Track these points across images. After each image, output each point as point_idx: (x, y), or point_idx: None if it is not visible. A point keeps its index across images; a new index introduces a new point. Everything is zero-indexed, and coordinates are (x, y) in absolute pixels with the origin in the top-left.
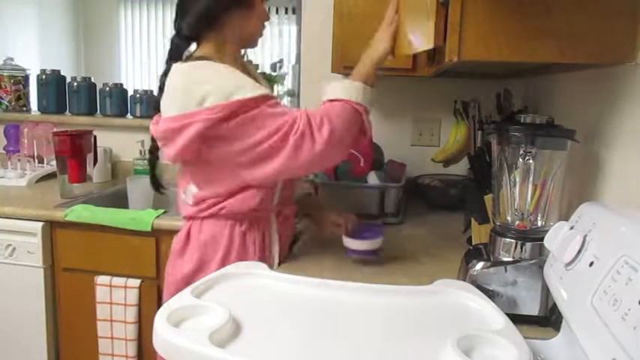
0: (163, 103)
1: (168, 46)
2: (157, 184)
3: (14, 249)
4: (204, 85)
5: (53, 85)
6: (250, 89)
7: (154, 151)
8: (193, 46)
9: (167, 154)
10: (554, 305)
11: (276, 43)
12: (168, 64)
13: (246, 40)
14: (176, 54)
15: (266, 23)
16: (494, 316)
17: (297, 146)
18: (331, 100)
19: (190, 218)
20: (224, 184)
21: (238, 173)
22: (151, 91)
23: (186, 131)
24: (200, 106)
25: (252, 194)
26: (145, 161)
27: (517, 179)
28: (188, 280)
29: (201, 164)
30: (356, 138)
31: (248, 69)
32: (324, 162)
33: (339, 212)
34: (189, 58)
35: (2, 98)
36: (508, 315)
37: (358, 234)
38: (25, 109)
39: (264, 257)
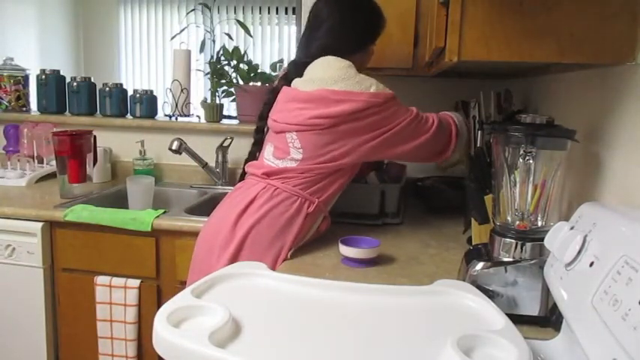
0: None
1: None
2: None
3: (14, 249)
4: (364, 79)
5: (53, 85)
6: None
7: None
8: None
9: None
10: (555, 305)
11: (276, 43)
12: (288, 77)
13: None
14: (298, 71)
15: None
16: (494, 316)
17: None
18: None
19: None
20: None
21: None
22: (151, 91)
23: (347, 103)
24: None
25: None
26: (145, 161)
27: (517, 179)
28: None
29: None
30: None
31: None
32: None
33: None
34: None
35: (2, 98)
36: (508, 315)
37: (354, 244)
38: (24, 109)
39: (297, 242)
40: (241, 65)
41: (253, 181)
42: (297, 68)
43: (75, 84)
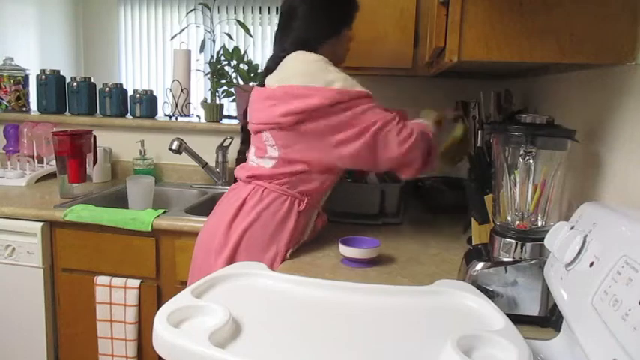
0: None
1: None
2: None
3: (14, 249)
4: (332, 74)
5: (53, 85)
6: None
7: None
8: None
9: None
10: (555, 305)
11: None
12: (265, 74)
13: (336, 64)
14: (273, 65)
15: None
16: (495, 316)
17: None
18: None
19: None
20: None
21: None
22: (151, 91)
23: (310, 98)
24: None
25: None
26: (145, 161)
27: (517, 179)
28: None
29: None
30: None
31: None
32: None
33: None
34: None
35: (2, 98)
36: (508, 315)
37: (354, 244)
38: (24, 109)
39: (294, 242)
40: (241, 65)
41: (243, 184)
42: (273, 64)
43: (75, 84)
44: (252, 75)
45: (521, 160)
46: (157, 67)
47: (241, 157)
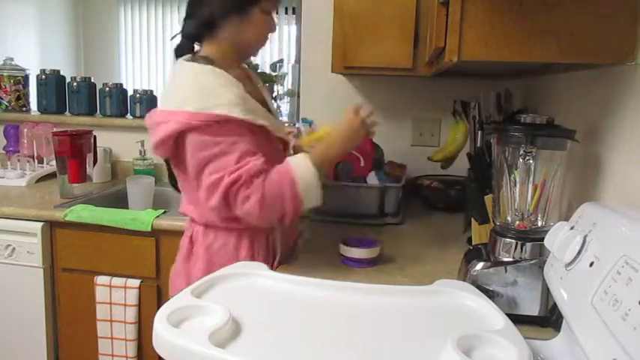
0: (163, 96)
1: (174, 43)
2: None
3: (14, 249)
4: (195, 91)
5: (53, 85)
6: (237, 111)
7: None
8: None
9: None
10: (555, 305)
11: (276, 43)
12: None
13: (242, 48)
14: (180, 51)
15: (269, 35)
16: (495, 316)
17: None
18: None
19: (194, 222)
20: None
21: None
22: (151, 91)
23: (165, 125)
24: (182, 107)
25: None
26: (145, 161)
27: (517, 179)
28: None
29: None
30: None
31: (253, 80)
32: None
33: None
34: (195, 56)
35: (2, 98)
36: (508, 315)
37: (354, 244)
38: (24, 109)
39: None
40: None
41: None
42: (179, 53)
43: (75, 84)
44: None
45: (521, 160)
46: (157, 67)
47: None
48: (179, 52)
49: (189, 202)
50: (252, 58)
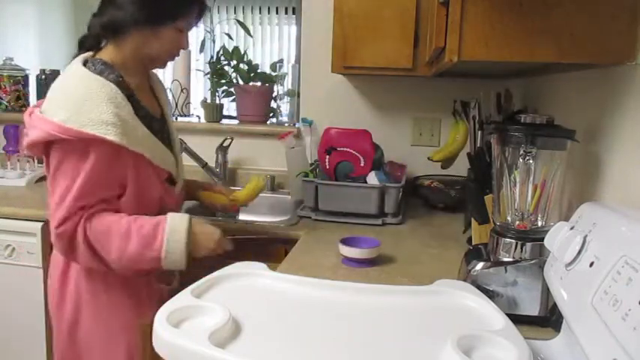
0: (48, 94)
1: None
2: None
3: (14, 249)
4: (74, 102)
5: None
6: (109, 132)
7: None
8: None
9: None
10: (555, 305)
11: (276, 43)
12: (77, 53)
13: (146, 59)
14: (82, 45)
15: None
16: (495, 316)
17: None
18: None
19: None
20: None
21: None
22: None
23: (34, 130)
24: (54, 116)
25: None
26: None
27: (517, 179)
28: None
29: None
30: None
31: (156, 91)
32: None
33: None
34: (94, 58)
35: (2, 98)
36: (508, 315)
37: (354, 244)
38: (24, 109)
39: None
40: (241, 65)
41: None
42: (81, 48)
43: None
44: (251, 75)
45: (521, 160)
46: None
47: None
48: (82, 46)
49: None
50: (252, 58)
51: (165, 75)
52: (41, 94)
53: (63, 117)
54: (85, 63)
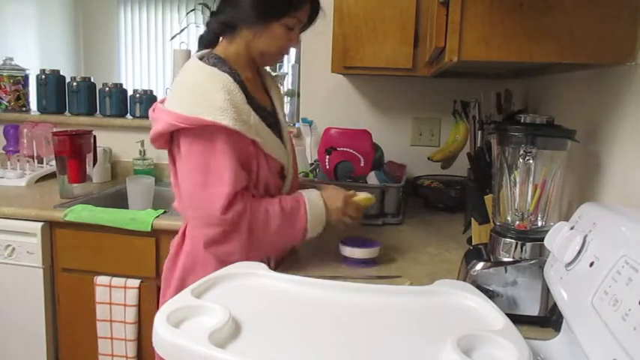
0: (170, 89)
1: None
2: None
3: (14, 249)
4: (190, 93)
5: (53, 85)
6: (224, 118)
7: None
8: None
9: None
10: (555, 305)
11: None
12: (197, 50)
13: (256, 55)
14: (202, 41)
15: (288, 50)
16: (495, 316)
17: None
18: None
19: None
20: None
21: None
22: (151, 91)
23: (158, 123)
24: (174, 107)
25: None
26: (145, 161)
27: (517, 179)
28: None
29: None
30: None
31: (268, 87)
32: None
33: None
34: (209, 53)
35: (2, 98)
36: (508, 315)
37: (354, 244)
38: (24, 109)
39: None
40: None
41: None
42: (201, 45)
43: (75, 84)
44: None
45: (521, 160)
46: (156, 67)
47: None
48: (201, 42)
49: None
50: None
51: (166, 75)
52: (41, 94)
53: (181, 107)
54: (201, 58)
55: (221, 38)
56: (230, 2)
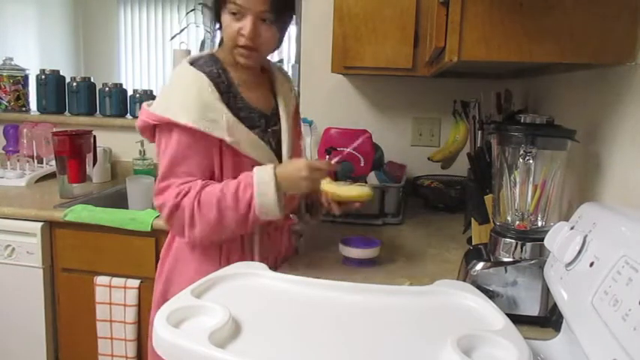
0: None
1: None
2: None
3: (13, 249)
4: (165, 92)
5: (52, 85)
6: (183, 116)
7: None
8: None
9: None
10: (555, 305)
11: None
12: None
13: (229, 53)
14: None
15: (242, 40)
16: (495, 316)
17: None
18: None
19: None
20: None
21: None
22: (151, 91)
23: (138, 119)
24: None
25: None
26: (145, 161)
27: (517, 179)
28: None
29: None
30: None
31: (275, 89)
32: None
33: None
34: (207, 54)
35: (1, 98)
36: (508, 315)
37: (354, 244)
38: (24, 109)
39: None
40: None
41: None
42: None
43: (75, 84)
44: None
45: (521, 160)
46: (156, 67)
47: None
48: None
49: None
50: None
51: (166, 75)
52: (41, 94)
53: (155, 105)
54: (200, 58)
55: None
56: None
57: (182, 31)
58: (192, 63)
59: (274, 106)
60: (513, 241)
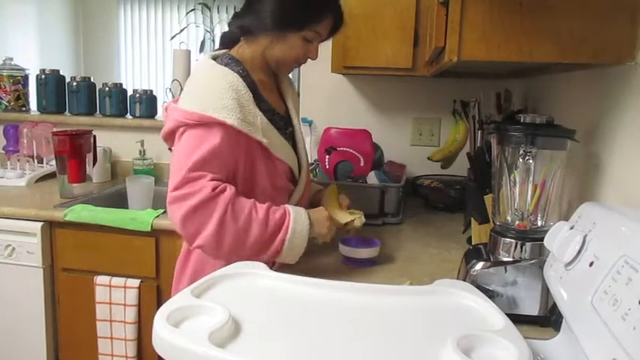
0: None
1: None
2: None
3: (13, 249)
4: (199, 90)
5: (52, 84)
6: (227, 116)
7: None
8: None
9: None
10: (554, 305)
11: None
12: (218, 49)
13: (271, 61)
14: (224, 40)
15: (304, 61)
16: (495, 316)
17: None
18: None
19: None
20: None
21: None
22: (151, 91)
23: (169, 121)
24: (183, 105)
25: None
26: (145, 161)
27: (517, 179)
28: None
29: None
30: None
31: (283, 91)
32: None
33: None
34: (225, 53)
35: (1, 98)
36: (508, 315)
37: (354, 244)
38: (24, 109)
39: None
40: None
41: None
42: (222, 45)
43: (75, 84)
44: None
45: (521, 160)
46: (156, 67)
47: None
48: (222, 41)
49: None
50: None
51: (166, 75)
52: (41, 93)
53: (189, 104)
54: (215, 58)
55: (242, 39)
56: (252, 8)
57: (182, 30)
58: (215, 61)
59: (285, 107)
60: (513, 240)
